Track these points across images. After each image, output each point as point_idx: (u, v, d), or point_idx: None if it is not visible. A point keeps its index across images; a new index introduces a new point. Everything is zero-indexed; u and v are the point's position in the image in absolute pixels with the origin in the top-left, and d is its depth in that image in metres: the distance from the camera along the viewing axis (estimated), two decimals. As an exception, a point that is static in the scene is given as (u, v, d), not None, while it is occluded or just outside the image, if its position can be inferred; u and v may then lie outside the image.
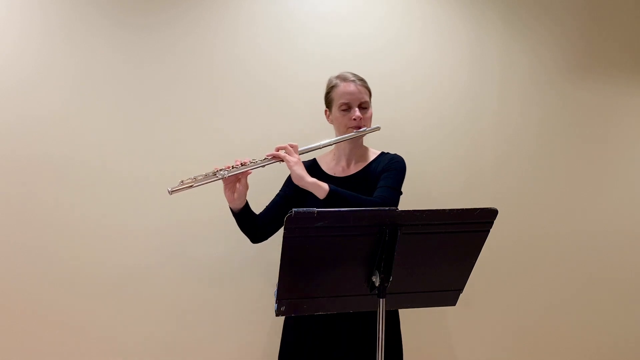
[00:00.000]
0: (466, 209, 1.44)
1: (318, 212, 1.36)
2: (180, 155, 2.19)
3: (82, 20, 2.14)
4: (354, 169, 1.93)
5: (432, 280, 1.57)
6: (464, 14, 2.44)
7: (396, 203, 1.82)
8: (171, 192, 1.73)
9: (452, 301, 1.63)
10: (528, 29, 2.51)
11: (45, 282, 2.11)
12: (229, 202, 1.83)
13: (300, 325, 1.87)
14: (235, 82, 2.25)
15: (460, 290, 1.61)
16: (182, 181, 1.74)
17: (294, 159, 1.76)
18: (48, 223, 2.11)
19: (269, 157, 1.78)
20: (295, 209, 1.34)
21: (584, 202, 2.58)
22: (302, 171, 1.75)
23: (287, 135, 1.98)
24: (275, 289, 1.47)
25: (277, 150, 1.79)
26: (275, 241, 2.12)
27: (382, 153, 1.97)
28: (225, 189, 1.80)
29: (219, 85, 2.24)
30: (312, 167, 1.96)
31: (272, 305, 2.00)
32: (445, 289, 1.60)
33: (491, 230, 1.50)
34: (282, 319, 1.96)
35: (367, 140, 1.99)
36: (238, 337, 2.25)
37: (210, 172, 1.76)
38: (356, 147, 1.94)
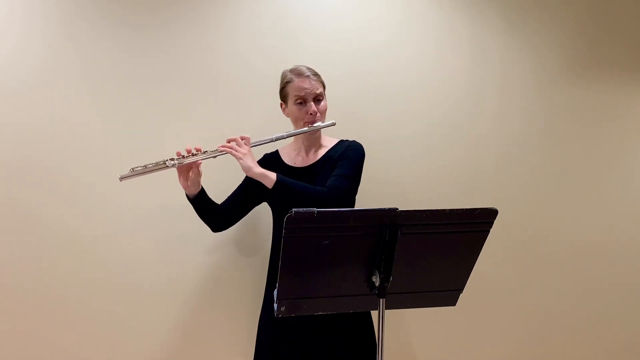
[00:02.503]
0: (466, 209, 1.44)
1: (318, 212, 1.36)
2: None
3: (83, 19, 2.13)
4: (312, 158, 1.98)
5: (432, 280, 1.57)
6: (464, 12, 2.44)
7: (348, 191, 1.85)
8: (121, 179, 1.81)
9: (452, 301, 1.63)
10: (528, 28, 2.51)
11: (42, 285, 2.10)
12: (183, 189, 1.91)
13: (276, 324, 1.89)
14: (237, 78, 2.25)
15: (460, 290, 1.61)
16: (132, 169, 1.82)
17: (243, 150, 1.81)
18: (49, 223, 2.11)
19: (220, 149, 1.84)
20: (295, 209, 1.34)
21: (585, 201, 2.57)
22: (250, 162, 1.80)
23: (288, 130, 1.98)
24: (275, 288, 1.47)
25: (228, 142, 1.84)
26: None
27: (341, 141, 2.01)
28: (179, 176, 1.88)
29: (221, 82, 2.24)
30: (274, 159, 2.03)
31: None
32: (445, 289, 1.60)
33: (491, 230, 1.50)
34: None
35: (369, 140, 2.01)
36: (238, 337, 2.25)
37: (160, 161, 1.83)
38: (314, 137, 1.98)
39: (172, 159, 1.83)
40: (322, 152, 1.98)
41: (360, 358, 1.90)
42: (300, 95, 1.90)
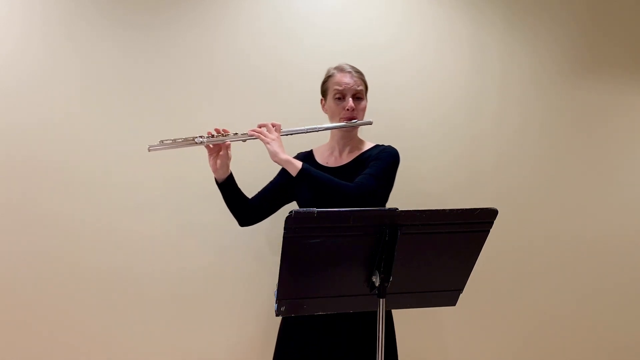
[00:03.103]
0: (466, 209, 1.44)
1: (318, 212, 1.36)
2: (180, 153, 2.18)
3: (83, 19, 2.14)
4: (346, 159, 1.93)
5: (432, 281, 1.57)
6: (464, 12, 2.44)
7: (374, 191, 1.77)
8: (149, 149, 1.79)
9: (452, 301, 1.63)
10: (528, 28, 2.51)
11: (44, 284, 2.11)
12: (212, 171, 1.88)
13: (299, 326, 1.86)
14: (238, 78, 2.25)
15: (460, 290, 1.61)
16: (161, 141, 1.80)
17: (271, 136, 1.78)
18: (50, 224, 2.11)
19: (249, 133, 1.82)
20: (295, 209, 1.34)
21: (585, 201, 2.57)
22: (277, 148, 1.76)
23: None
24: (275, 289, 1.47)
25: (259, 127, 1.82)
26: (275, 240, 2.13)
27: (377, 145, 1.96)
28: (209, 156, 1.86)
29: (222, 81, 2.24)
30: (307, 158, 1.98)
31: (272, 305, 2.02)
32: (445, 289, 1.60)
33: (491, 230, 1.50)
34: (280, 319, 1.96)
35: (363, 136, 1.99)
36: (237, 337, 2.25)
37: (190, 137, 1.80)
38: (349, 138, 1.94)
39: (201, 137, 1.80)
40: (356, 154, 1.93)
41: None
42: (340, 89, 1.87)
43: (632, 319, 2.63)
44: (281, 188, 1.96)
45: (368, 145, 1.96)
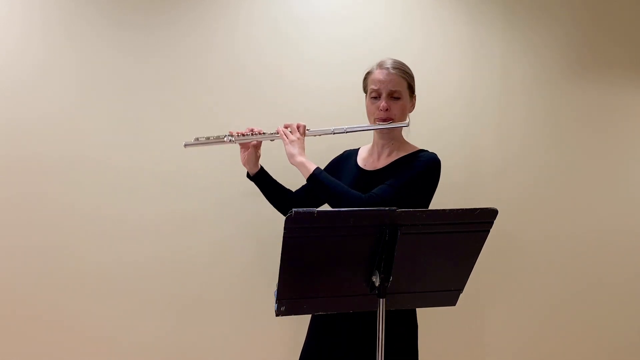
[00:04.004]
0: (466, 209, 1.44)
1: (318, 212, 1.36)
2: (179, 153, 2.18)
3: (82, 19, 2.14)
4: (383, 162, 1.82)
5: (432, 280, 1.56)
6: (465, 15, 2.44)
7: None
8: (185, 146, 1.86)
9: (452, 301, 1.63)
10: (529, 28, 2.51)
11: (47, 280, 2.12)
12: (243, 165, 1.91)
13: (327, 327, 1.81)
14: (234, 82, 2.25)
15: (460, 290, 1.60)
16: (196, 138, 1.86)
17: (292, 137, 1.76)
18: (50, 222, 2.12)
19: (276, 133, 1.81)
20: (295, 209, 1.34)
21: (585, 201, 2.57)
22: (293, 150, 1.74)
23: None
24: (275, 288, 1.47)
25: (285, 127, 1.80)
26: (276, 239, 2.13)
27: (420, 150, 1.83)
28: (241, 152, 1.90)
29: (218, 85, 2.24)
30: (350, 156, 1.92)
31: (272, 304, 2.02)
32: (445, 289, 1.60)
33: (491, 230, 1.50)
34: (285, 320, 1.96)
35: (354, 137, 1.95)
36: (237, 337, 2.25)
37: (221, 135, 1.85)
38: (388, 139, 1.82)
39: (230, 135, 1.84)
40: (393, 158, 1.80)
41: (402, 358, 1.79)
42: (375, 88, 1.76)
43: (633, 319, 2.63)
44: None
45: (410, 149, 1.83)
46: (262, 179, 1.91)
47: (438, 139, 2.42)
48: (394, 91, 1.75)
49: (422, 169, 1.74)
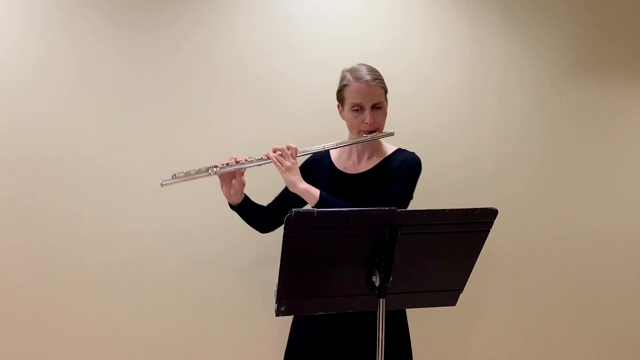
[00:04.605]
0: (466, 209, 1.44)
1: (318, 212, 1.36)
2: (179, 154, 2.19)
3: (82, 20, 2.14)
4: (365, 165, 1.84)
5: (432, 280, 1.57)
6: (465, 15, 2.44)
7: None
8: (162, 185, 1.74)
9: (452, 301, 1.63)
10: (529, 29, 2.51)
11: (44, 281, 2.11)
12: (226, 198, 1.82)
13: (309, 327, 1.84)
14: (234, 82, 2.25)
15: (460, 290, 1.61)
16: (174, 174, 1.74)
17: (287, 163, 1.72)
18: (49, 223, 2.12)
19: (265, 157, 1.75)
20: (295, 209, 1.34)
21: (585, 201, 2.57)
22: (293, 177, 1.71)
23: (287, 137, 1.95)
24: (275, 288, 1.47)
25: (274, 151, 1.75)
26: (276, 239, 2.13)
27: (398, 150, 1.86)
28: (221, 184, 1.79)
29: (218, 86, 2.24)
30: (323, 159, 1.90)
31: (272, 305, 2.02)
32: (445, 289, 1.60)
33: (491, 230, 1.50)
34: (285, 319, 1.95)
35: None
36: (236, 337, 2.25)
37: (203, 168, 1.74)
38: (369, 144, 1.84)
39: (215, 166, 1.74)
40: (376, 160, 1.84)
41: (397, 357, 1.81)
42: (357, 101, 1.75)
43: (633, 319, 2.63)
44: (293, 197, 1.85)
45: (389, 150, 1.86)
46: (246, 206, 1.84)
47: (438, 138, 2.42)
48: (376, 103, 1.77)
49: (412, 174, 1.80)
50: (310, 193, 1.71)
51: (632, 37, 2.61)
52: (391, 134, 1.80)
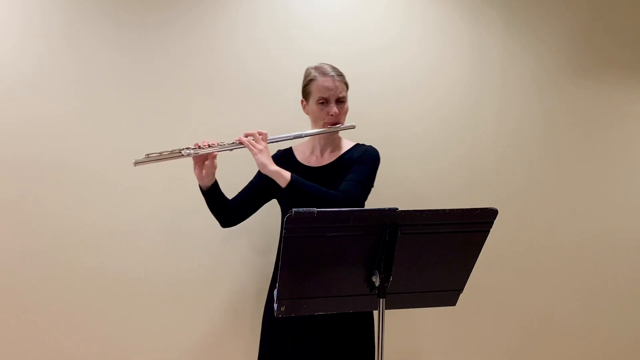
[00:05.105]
0: (466, 209, 1.44)
1: (318, 212, 1.36)
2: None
3: (82, 19, 2.13)
4: (327, 159, 1.96)
5: (432, 280, 1.57)
6: (465, 13, 2.44)
7: (360, 197, 1.84)
8: (135, 164, 1.80)
9: (452, 301, 1.63)
10: (529, 28, 2.51)
11: (39, 283, 2.10)
12: (197, 180, 1.89)
13: (279, 327, 1.90)
14: (234, 80, 2.24)
15: (460, 290, 1.61)
16: (147, 154, 1.80)
17: (259, 146, 1.80)
18: (49, 224, 2.11)
19: (237, 142, 1.83)
20: (295, 209, 1.34)
21: (585, 201, 2.57)
22: (265, 159, 1.79)
23: (287, 131, 1.97)
24: (275, 289, 1.47)
25: (246, 136, 1.83)
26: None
27: (357, 144, 1.99)
28: (194, 166, 1.86)
29: (218, 84, 2.24)
30: (287, 156, 2.01)
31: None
32: (445, 289, 1.60)
33: (491, 230, 1.50)
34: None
35: (355, 137, 2.01)
36: (232, 338, 2.25)
37: (176, 149, 1.81)
38: (331, 139, 1.97)
39: (187, 148, 1.81)
40: (337, 154, 1.96)
41: (360, 358, 1.90)
42: (323, 96, 1.88)
43: (632, 320, 2.63)
44: (261, 188, 1.97)
45: (348, 145, 1.99)
46: (215, 192, 1.91)
47: (437, 138, 2.42)
48: (341, 97, 1.90)
49: (374, 163, 1.93)
50: (282, 175, 1.78)
51: (632, 37, 2.61)
52: (352, 127, 1.94)
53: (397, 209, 1.40)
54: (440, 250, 1.51)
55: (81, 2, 2.14)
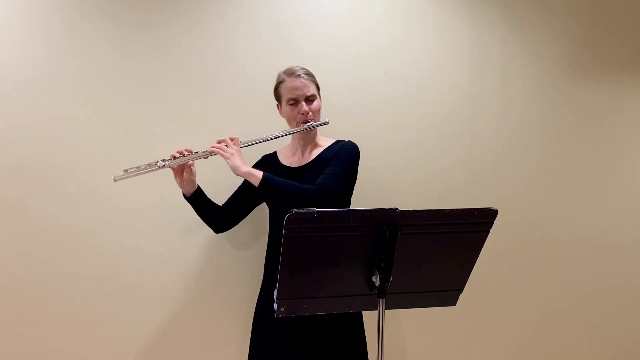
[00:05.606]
0: (466, 209, 1.44)
1: (318, 212, 1.36)
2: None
3: (82, 19, 2.13)
4: (308, 157, 1.99)
5: (432, 280, 1.57)
6: (465, 14, 2.44)
7: (337, 189, 1.83)
8: (115, 180, 1.86)
9: (452, 301, 1.63)
10: (529, 28, 2.50)
11: (33, 287, 2.10)
12: (180, 188, 1.96)
13: (270, 326, 1.91)
14: (234, 82, 2.24)
15: (460, 290, 1.61)
16: (125, 170, 1.87)
17: (231, 150, 1.84)
18: (49, 223, 2.11)
19: (210, 150, 1.87)
20: (295, 209, 1.34)
21: (585, 202, 2.57)
22: (236, 161, 1.82)
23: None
24: (274, 289, 1.47)
25: (219, 142, 1.87)
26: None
27: (337, 141, 2.02)
28: (175, 176, 1.93)
29: (218, 85, 2.24)
30: (272, 159, 2.06)
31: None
32: (445, 289, 1.60)
33: (491, 230, 1.50)
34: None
35: (356, 137, 2.02)
36: (234, 335, 2.25)
37: (152, 162, 1.88)
38: (309, 138, 2.00)
39: (163, 160, 1.88)
40: (317, 152, 1.99)
41: (353, 357, 1.90)
42: (292, 96, 1.92)
43: (632, 320, 2.63)
44: (248, 194, 2.03)
45: (328, 142, 2.02)
46: (199, 197, 1.97)
47: (437, 138, 2.42)
48: (310, 95, 1.94)
49: (351, 155, 1.93)
50: (253, 174, 1.81)
51: (632, 37, 2.61)
52: (326, 123, 1.95)
53: (397, 209, 1.40)
54: (440, 250, 1.51)
55: (81, 2, 2.14)
